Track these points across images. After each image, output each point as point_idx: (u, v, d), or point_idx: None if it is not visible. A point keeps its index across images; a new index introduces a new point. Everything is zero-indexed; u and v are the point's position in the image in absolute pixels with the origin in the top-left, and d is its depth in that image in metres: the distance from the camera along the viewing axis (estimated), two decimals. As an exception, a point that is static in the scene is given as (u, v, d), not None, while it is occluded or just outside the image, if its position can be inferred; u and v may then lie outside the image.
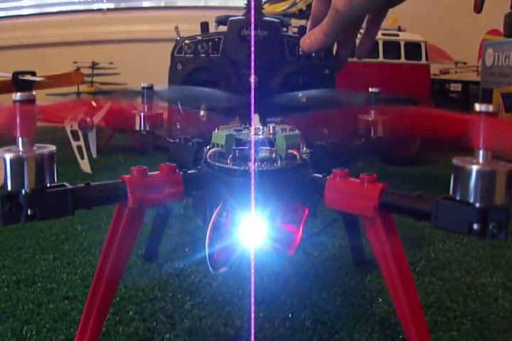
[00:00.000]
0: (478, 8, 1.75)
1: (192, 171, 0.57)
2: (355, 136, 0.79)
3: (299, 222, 0.55)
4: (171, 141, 0.76)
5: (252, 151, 0.56)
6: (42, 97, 0.48)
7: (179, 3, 2.87)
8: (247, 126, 0.63)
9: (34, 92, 0.47)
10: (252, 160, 0.55)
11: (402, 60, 1.81)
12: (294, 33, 0.84)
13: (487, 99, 1.67)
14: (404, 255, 0.53)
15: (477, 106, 0.44)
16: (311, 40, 0.68)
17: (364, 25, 0.72)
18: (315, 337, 0.70)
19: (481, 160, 0.45)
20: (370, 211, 0.51)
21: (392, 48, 1.80)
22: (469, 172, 0.44)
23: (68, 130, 1.60)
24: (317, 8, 0.68)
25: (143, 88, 0.79)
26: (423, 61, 1.83)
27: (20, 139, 0.46)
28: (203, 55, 0.79)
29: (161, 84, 0.83)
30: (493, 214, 0.44)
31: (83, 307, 0.56)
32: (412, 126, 0.64)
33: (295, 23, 1.47)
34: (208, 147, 0.60)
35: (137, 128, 0.79)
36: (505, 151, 0.44)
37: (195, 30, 0.83)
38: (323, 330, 0.71)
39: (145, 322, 0.72)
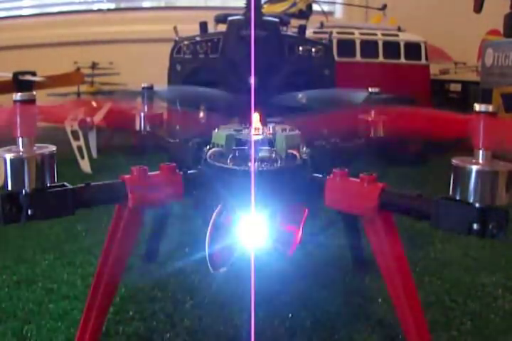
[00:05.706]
0: (478, 8, 1.75)
1: (192, 171, 0.57)
2: (355, 136, 0.79)
3: (299, 222, 0.55)
4: (171, 141, 0.76)
5: (252, 151, 0.56)
6: (42, 97, 0.48)
7: (179, 3, 2.87)
8: (247, 126, 0.63)
9: (34, 92, 0.47)
10: (252, 160, 0.55)
11: (402, 60, 1.81)
12: (294, 32, 0.84)
13: (487, 99, 1.67)
14: (404, 255, 0.53)
15: (477, 106, 0.44)
16: None
17: None
18: (315, 337, 0.70)
19: (480, 160, 0.45)
20: (370, 211, 0.51)
21: (392, 48, 1.80)
22: (469, 172, 0.44)
23: (68, 130, 1.60)
24: None
25: (143, 88, 0.79)
26: (423, 61, 1.83)
27: (20, 139, 0.46)
28: (202, 56, 0.79)
29: (161, 84, 0.83)
30: (492, 214, 0.44)
31: (83, 307, 0.56)
32: (412, 126, 0.64)
33: (295, 23, 1.46)
34: (207, 147, 0.60)
35: (137, 128, 0.79)
36: (506, 151, 0.44)
37: (195, 30, 0.83)
38: (323, 330, 0.71)
39: (145, 322, 0.72)
